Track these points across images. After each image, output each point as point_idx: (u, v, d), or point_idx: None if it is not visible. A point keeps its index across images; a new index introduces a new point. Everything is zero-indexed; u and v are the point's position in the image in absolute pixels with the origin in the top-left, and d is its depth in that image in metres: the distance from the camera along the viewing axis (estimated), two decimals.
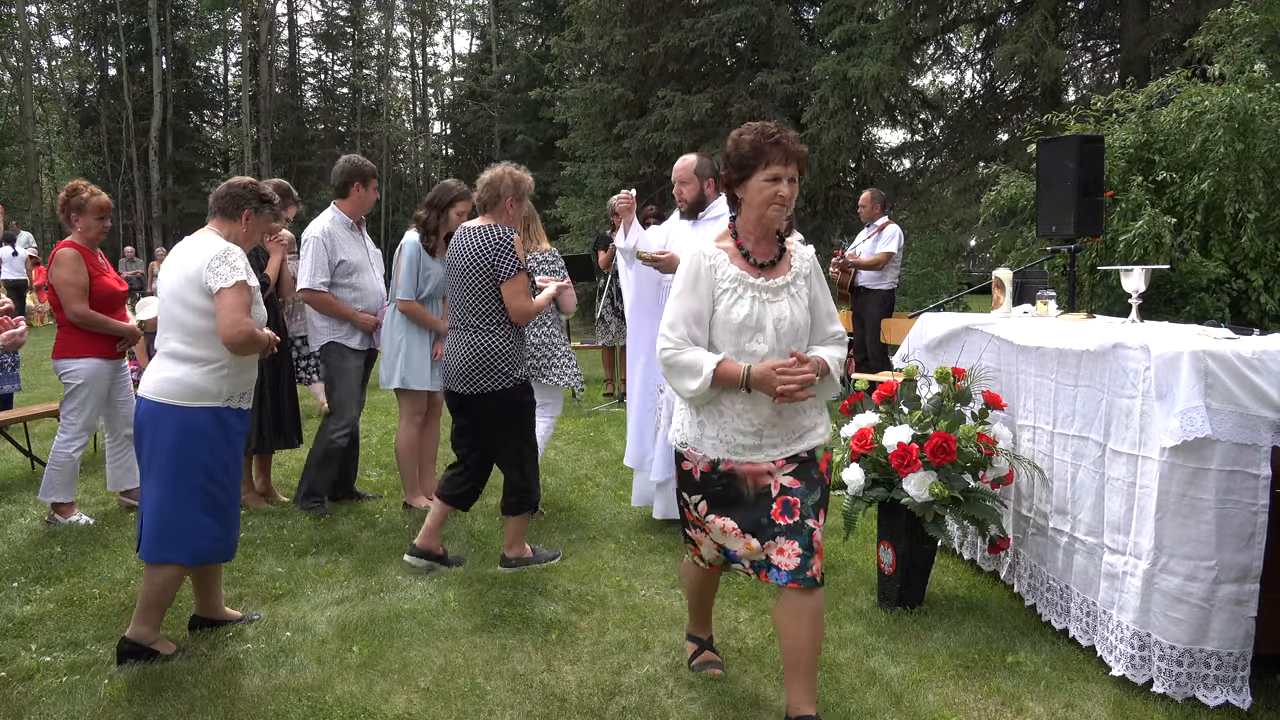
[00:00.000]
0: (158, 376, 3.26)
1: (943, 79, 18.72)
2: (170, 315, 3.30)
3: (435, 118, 46.10)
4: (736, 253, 2.73)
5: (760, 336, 2.67)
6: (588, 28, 17.23)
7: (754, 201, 2.68)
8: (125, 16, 34.96)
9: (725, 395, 2.68)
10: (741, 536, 2.74)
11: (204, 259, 3.24)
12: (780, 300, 2.70)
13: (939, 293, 11.98)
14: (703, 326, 2.69)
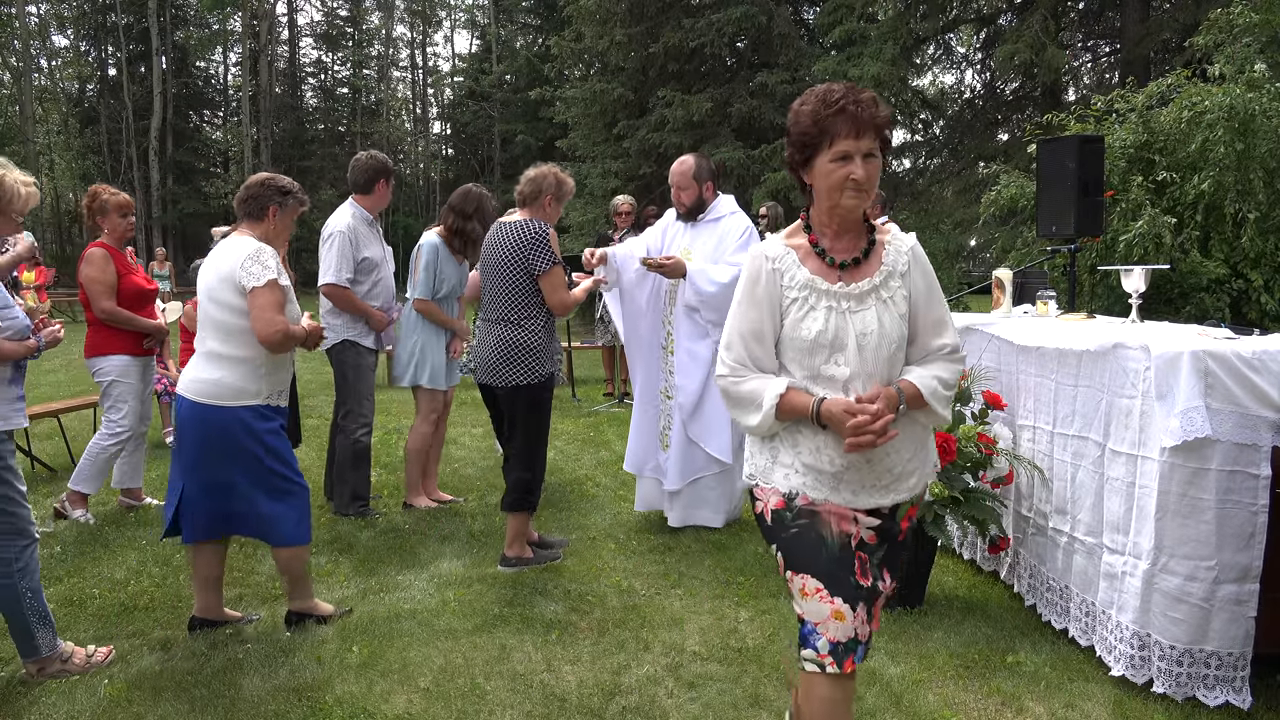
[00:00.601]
0: (198, 376, 3.31)
1: (943, 79, 18.73)
2: (207, 316, 3.34)
3: (435, 118, 46.15)
4: (810, 251, 2.17)
5: (840, 357, 2.09)
6: (588, 28, 17.24)
7: (823, 187, 2.12)
8: (125, 16, 34.98)
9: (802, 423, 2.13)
10: (830, 600, 2.10)
11: (237, 259, 3.28)
12: (866, 308, 2.11)
13: None
14: (766, 345, 2.16)
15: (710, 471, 4.76)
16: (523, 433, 4.21)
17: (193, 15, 38.63)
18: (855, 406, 2.03)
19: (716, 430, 4.70)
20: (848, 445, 2.04)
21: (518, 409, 4.18)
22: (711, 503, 4.82)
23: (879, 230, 2.23)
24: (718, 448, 4.70)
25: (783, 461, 2.17)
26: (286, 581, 3.58)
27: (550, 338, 4.23)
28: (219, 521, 3.40)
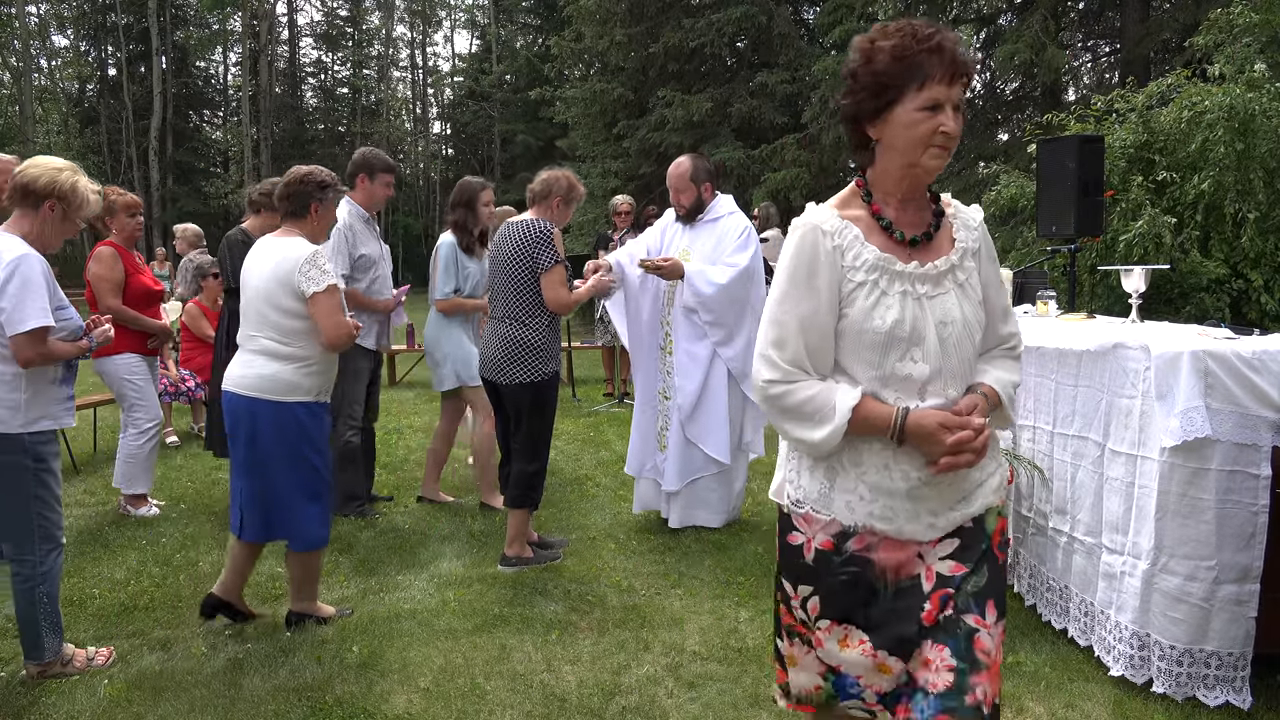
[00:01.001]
0: (250, 372, 3.37)
1: None
2: (260, 315, 3.39)
3: (435, 118, 46.15)
4: (873, 224, 1.79)
5: (917, 352, 1.74)
6: (588, 28, 17.24)
7: (900, 143, 1.72)
8: (125, 16, 34.98)
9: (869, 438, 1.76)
10: (873, 655, 1.79)
11: (294, 263, 3.33)
12: (944, 293, 1.77)
13: None
14: (827, 341, 1.76)
15: (709, 472, 4.76)
16: (526, 429, 4.25)
17: (193, 15, 38.63)
18: (955, 420, 1.70)
19: (714, 430, 4.70)
20: (941, 465, 1.71)
21: (522, 406, 4.22)
22: (711, 504, 4.82)
23: (944, 202, 1.89)
24: (715, 448, 4.70)
25: (843, 486, 1.77)
26: (295, 581, 3.59)
27: (554, 336, 4.26)
28: (263, 521, 3.46)
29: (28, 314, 2.91)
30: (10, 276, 2.91)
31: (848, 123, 1.82)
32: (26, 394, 3.00)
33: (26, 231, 3.06)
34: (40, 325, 2.93)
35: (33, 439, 3.01)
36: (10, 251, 2.95)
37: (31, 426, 3.01)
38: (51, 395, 3.08)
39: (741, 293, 4.65)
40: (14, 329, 2.91)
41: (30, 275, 2.93)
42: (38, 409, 3.03)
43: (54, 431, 3.11)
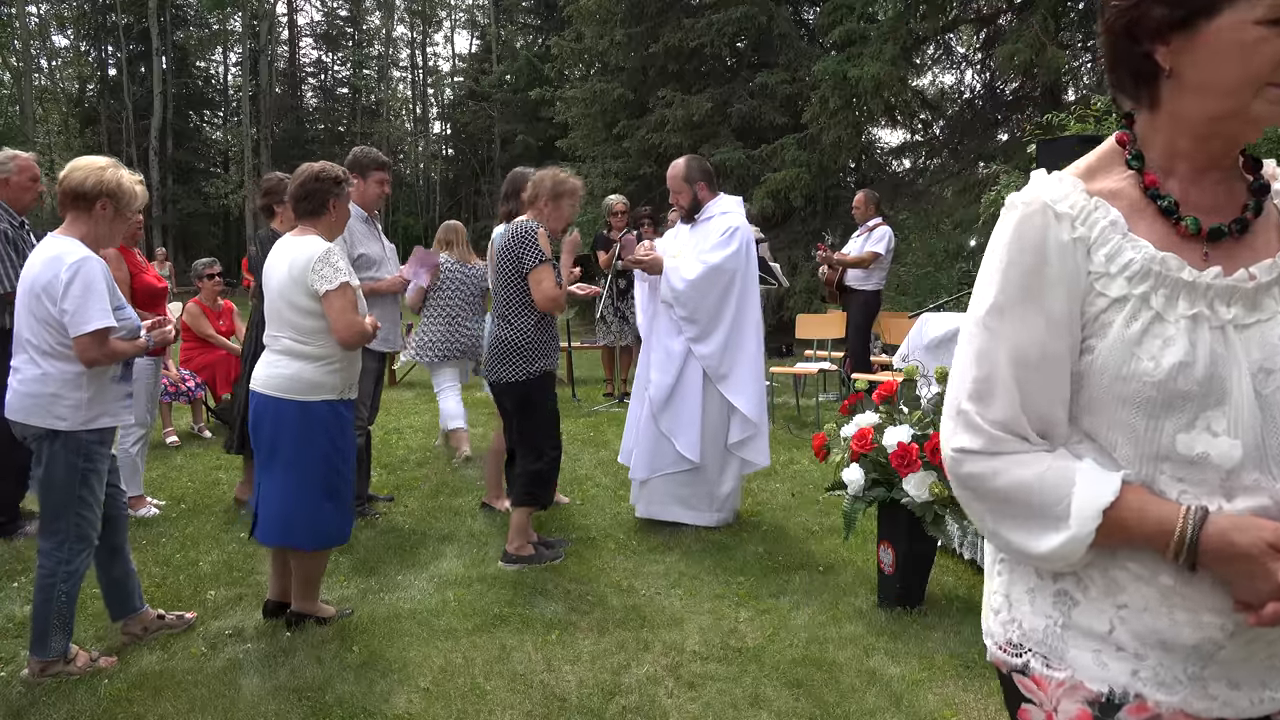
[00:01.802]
0: (273, 372, 3.41)
1: (943, 79, 18.73)
2: (280, 314, 3.44)
3: (435, 118, 46.14)
4: (1145, 205, 1.16)
5: (1218, 416, 1.08)
6: (588, 28, 17.24)
7: (1216, 77, 1.09)
8: (125, 16, 34.97)
9: (1134, 552, 1.12)
10: None
11: (307, 262, 3.35)
12: (1266, 320, 1.12)
13: (939, 293, 11.98)
14: (1058, 388, 1.14)
15: (679, 468, 4.80)
16: (519, 428, 4.32)
17: (193, 15, 38.61)
18: None
19: (685, 427, 4.76)
20: (1266, 614, 1.04)
21: (511, 405, 4.34)
22: (686, 500, 4.84)
23: (1268, 172, 1.25)
24: (686, 445, 4.75)
25: (1088, 627, 1.14)
26: (299, 581, 3.58)
27: (542, 335, 4.28)
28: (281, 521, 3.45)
29: (90, 315, 2.98)
30: (72, 279, 2.98)
31: (1119, 38, 1.13)
32: (88, 392, 3.07)
33: (84, 234, 3.13)
34: (103, 326, 3.01)
35: (89, 437, 3.10)
36: (71, 255, 3.02)
37: (91, 424, 3.09)
38: (111, 393, 3.16)
39: (713, 290, 4.70)
40: (77, 330, 2.99)
41: (91, 278, 3.01)
42: (98, 407, 3.11)
43: (111, 430, 3.19)
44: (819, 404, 8.38)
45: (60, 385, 3.04)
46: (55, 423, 3.04)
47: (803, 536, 4.76)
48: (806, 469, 6.19)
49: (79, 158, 3.21)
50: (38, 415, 3.05)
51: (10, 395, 3.10)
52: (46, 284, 3.01)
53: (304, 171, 3.53)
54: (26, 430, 3.10)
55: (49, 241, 3.12)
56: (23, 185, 4.75)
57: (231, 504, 5.34)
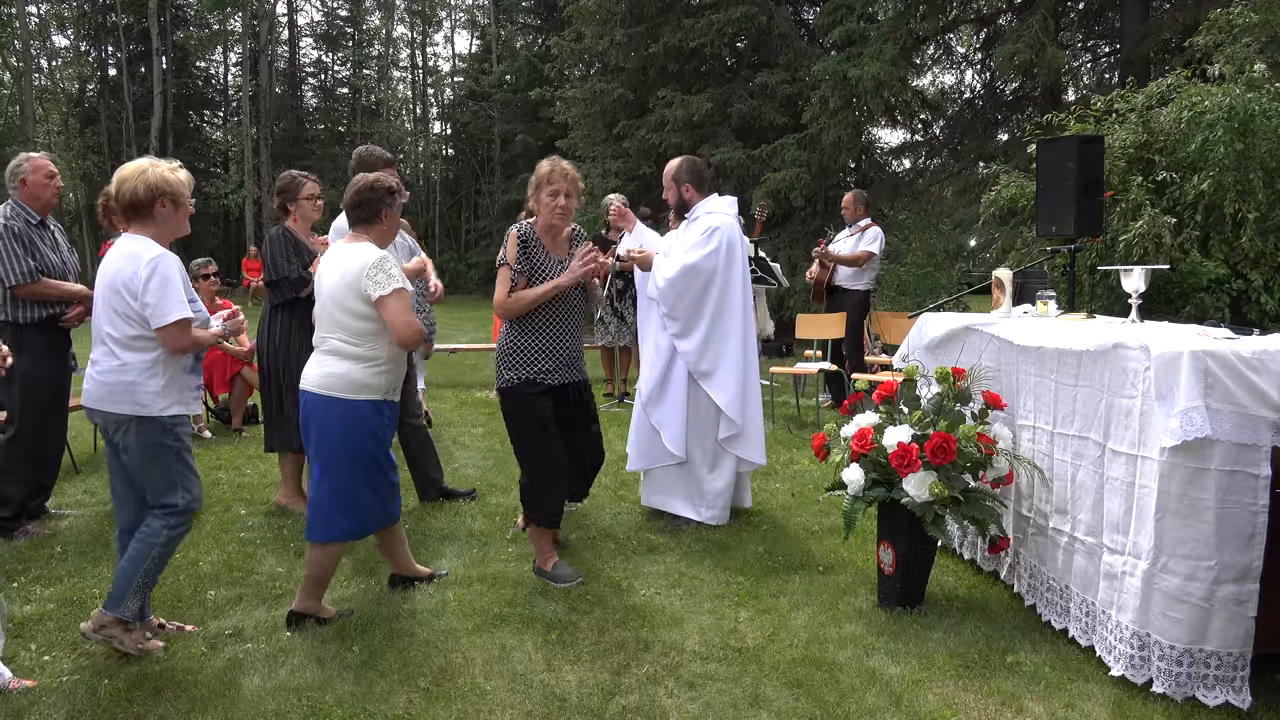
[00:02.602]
0: (323, 371, 3.56)
1: (943, 79, 18.72)
2: (332, 317, 3.58)
3: (435, 118, 46.08)
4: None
5: None
6: (588, 28, 17.24)
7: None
8: (125, 16, 34.95)
9: None
10: None
11: (361, 268, 3.50)
12: None
13: (939, 293, 11.99)
14: None
15: (668, 462, 4.87)
16: (511, 438, 4.22)
17: (193, 15, 38.58)
18: None
19: (670, 421, 4.84)
20: None
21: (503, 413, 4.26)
22: (682, 494, 4.92)
23: None
24: (671, 439, 4.83)
25: None
26: (308, 579, 3.64)
27: (519, 341, 4.10)
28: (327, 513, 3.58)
29: (170, 308, 3.18)
30: (151, 275, 3.17)
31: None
32: (163, 380, 3.25)
33: (154, 234, 3.31)
34: (183, 317, 3.20)
35: (170, 420, 3.27)
36: (148, 252, 3.21)
37: (167, 411, 3.26)
38: (183, 383, 3.33)
39: (690, 288, 4.79)
40: (160, 322, 3.18)
41: (168, 272, 3.20)
42: (172, 395, 3.28)
43: (183, 418, 3.33)
44: (819, 404, 8.38)
45: (138, 374, 3.22)
46: (136, 409, 3.22)
47: (803, 536, 4.76)
48: (806, 469, 6.19)
49: (121, 169, 3.35)
50: (118, 403, 3.22)
51: (90, 385, 3.28)
52: (126, 280, 3.19)
53: (359, 181, 3.68)
54: (107, 418, 3.26)
55: (125, 241, 3.30)
56: (39, 184, 4.78)
57: (231, 504, 5.34)
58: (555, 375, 4.09)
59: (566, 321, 4.13)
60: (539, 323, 4.08)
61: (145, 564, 3.27)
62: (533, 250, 4.08)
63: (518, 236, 4.07)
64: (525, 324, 4.08)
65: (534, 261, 4.08)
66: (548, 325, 4.09)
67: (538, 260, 4.09)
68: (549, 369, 4.08)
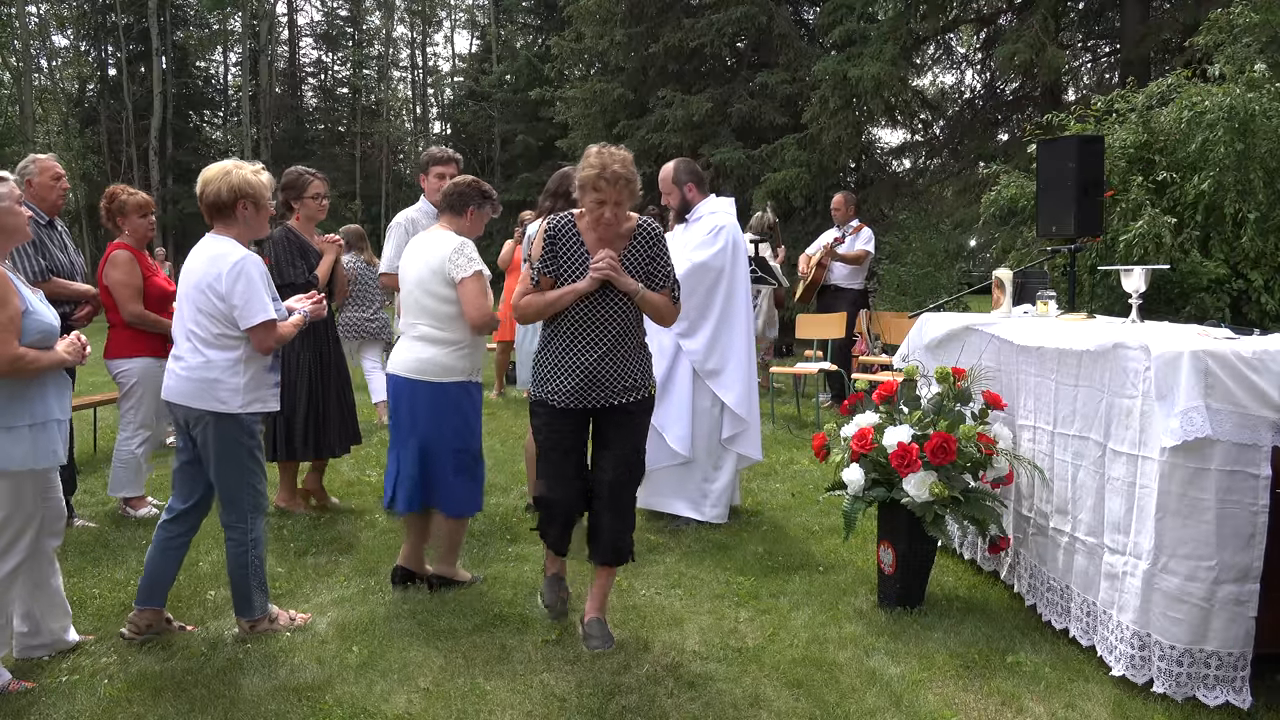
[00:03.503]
0: (410, 356, 3.78)
1: (943, 79, 18.73)
2: (418, 303, 3.80)
3: (435, 118, 46.10)
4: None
5: None
6: (588, 28, 17.24)
7: None
8: (125, 16, 34.95)
9: None
10: None
11: (445, 253, 3.74)
12: None
13: (939, 293, 11.97)
14: None
15: (672, 462, 4.83)
16: None
17: (193, 15, 38.58)
18: None
19: (675, 421, 4.82)
20: None
21: None
22: (687, 495, 4.90)
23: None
24: (676, 439, 4.80)
25: None
26: (442, 547, 3.96)
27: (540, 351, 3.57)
28: (421, 492, 3.82)
29: (256, 310, 3.31)
30: (237, 278, 3.29)
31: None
32: (244, 378, 3.36)
33: (236, 235, 3.43)
34: (269, 319, 3.34)
35: (247, 418, 3.38)
36: (231, 255, 3.33)
37: (248, 408, 3.37)
38: (264, 380, 3.44)
39: (699, 287, 4.77)
40: (247, 323, 3.31)
41: (253, 275, 3.32)
42: (252, 392, 3.38)
43: (260, 415, 3.45)
44: (819, 404, 8.38)
45: (221, 371, 3.33)
46: (217, 405, 3.32)
47: (803, 536, 4.76)
48: (806, 469, 6.19)
49: (206, 171, 3.46)
50: (201, 398, 3.32)
51: (173, 380, 3.39)
52: (211, 282, 3.31)
53: (465, 178, 4.00)
54: (189, 413, 3.36)
55: (210, 242, 3.41)
56: (46, 185, 4.79)
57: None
58: (571, 398, 3.40)
59: (595, 334, 3.38)
60: (558, 333, 3.45)
61: (249, 567, 3.44)
62: (564, 246, 3.41)
63: (546, 230, 3.49)
64: (545, 333, 3.54)
65: (562, 259, 3.40)
66: (568, 337, 3.41)
67: (568, 258, 3.40)
68: (564, 390, 3.41)
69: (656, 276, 3.45)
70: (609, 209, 3.30)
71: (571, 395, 3.40)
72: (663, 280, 3.47)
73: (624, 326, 3.42)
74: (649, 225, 3.46)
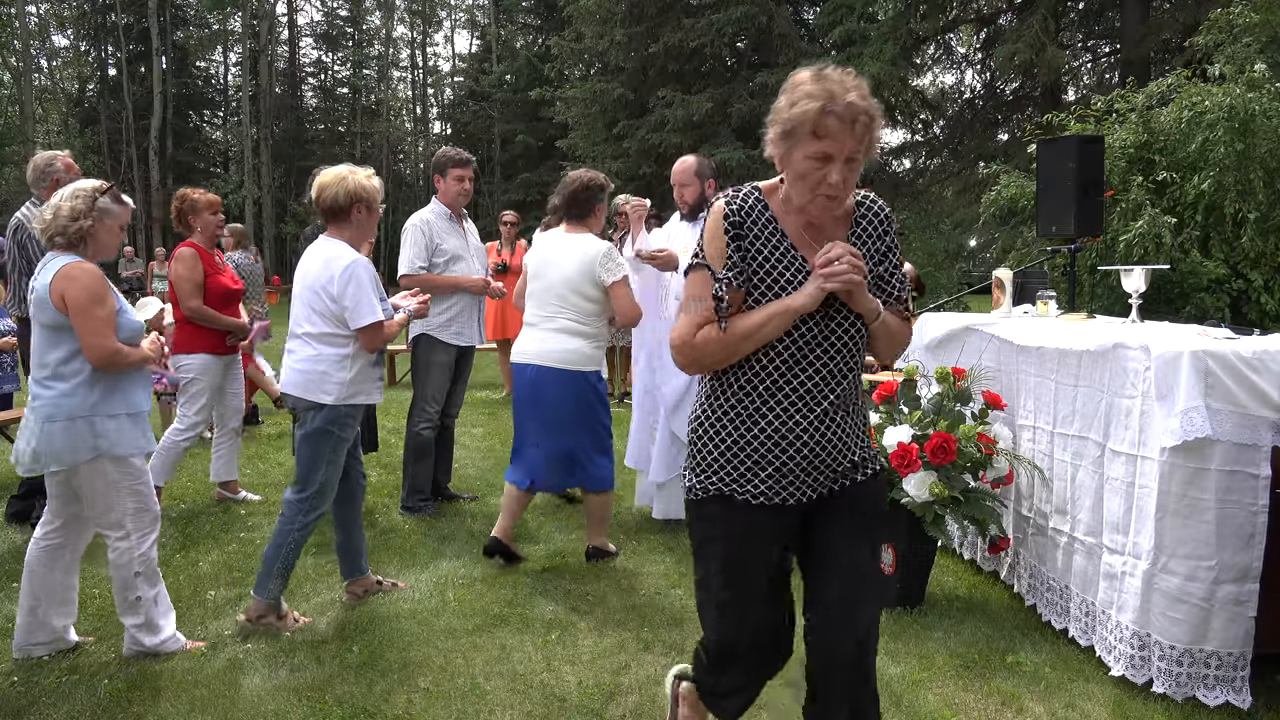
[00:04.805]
0: (555, 347, 4.08)
1: (943, 79, 18.73)
2: (562, 299, 4.10)
3: (435, 118, 46.12)
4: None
5: None
6: (588, 28, 17.28)
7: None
8: (125, 16, 34.97)
9: None
10: None
11: (595, 256, 4.07)
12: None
13: (939, 293, 11.99)
14: None
15: None
16: None
17: (193, 15, 38.60)
18: None
19: None
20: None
21: None
22: None
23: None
24: None
25: None
26: (593, 521, 4.29)
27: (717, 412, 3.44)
28: (565, 473, 4.17)
29: (365, 312, 3.49)
30: (348, 281, 3.48)
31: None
32: (351, 373, 3.56)
33: (348, 237, 3.62)
34: (376, 320, 3.52)
35: (347, 411, 3.58)
36: (343, 259, 3.51)
37: (350, 400, 3.57)
38: (369, 375, 3.64)
39: None
40: (357, 324, 3.50)
41: (363, 278, 3.50)
42: (357, 386, 3.59)
43: (362, 406, 3.65)
44: None
45: (329, 366, 3.54)
46: (322, 397, 3.53)
47: None
48: None
49: (324, 173, 3.67)
50: (309, 390, 3.54)
51: (288, 373, 3.62)
52: (324, 284, 3.50)
53: (575, 180, 4.22)
54: (299, 403, 3.58)
55: (324, 244, 3.61)
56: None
57: (231, 503, 5.34)
58: (782, 485, 2.11)
59: (813, 380, 2.07)
60: (750, 382, 2.09)
61: (284, 549, 3.56)
62: (755, 238, 2.09)
63: (725, 212, 2.11)
64: (716, 384, 2.15)
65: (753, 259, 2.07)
66: (769, 388, 2.07)
67: (764, 257, 2.07)
68: (766, 475, 2.11)
69: (888, 284, 2.13)
70: (836, 170, 1.98)
71: (783, 483, 2.10)
72: (896, 289, 2.14)
73: (850, 365, 2.11)
74: (874, 204, 2.17)
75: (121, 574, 3.23)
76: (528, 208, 20.81)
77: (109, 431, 3.14)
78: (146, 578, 3.26)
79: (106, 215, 3.23)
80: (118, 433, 3.16)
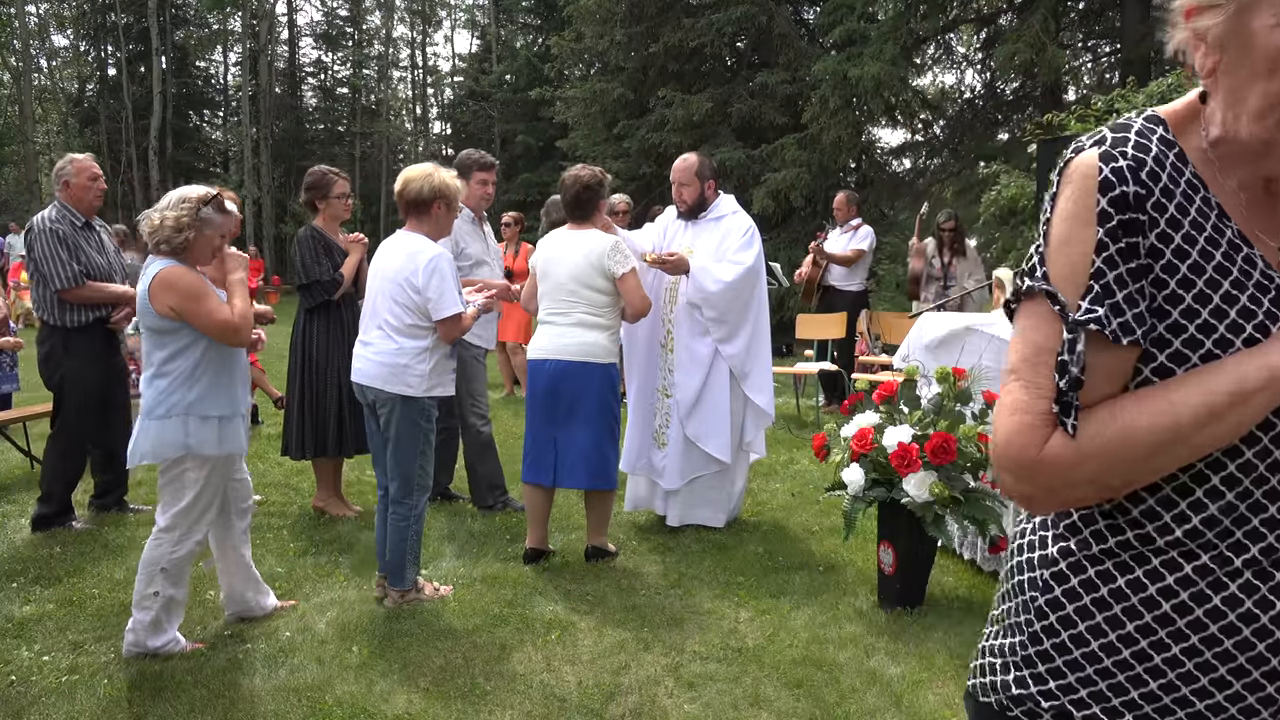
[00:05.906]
0: (574, 342, 4.12)
1: (943, 79, 18.75)
2: (574, 294, 4.16)
3: (435, 118, 46.12)
4: None
5: None
6: (588, 28, 17.26)
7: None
8: (125, 16, 34.95)
9: None
10: None
11: (603, 250, 4.13)
12: None
13: None
14: None
15: (709, 471, 4.76)
16: None
17: (193, 15, 38.57)
18: None
19: (716, 429, 4.71)
20: None
21: None
22: (712, 502, 4.82)
23: None
24: (717, 448, 4.70)
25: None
26: (598, 519, 4.30)
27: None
28: (582, 467, 4.15)
29: (447, 304, 3.61)
30: (432, 274, 3.59)
31: None
32: (430, 364, 3.66)
33: (428, 232, 3.75)
34: (458, 312, 3.65)
35: (428, 402, 3.67)
36: (426, 252, 3.64)
37: (430, 392, 3.68)
38: (445, 367, 3.75)
39: (746, 291, 4.68)
40: (439, 315, 3.62)
41: (445, 271, 3.62)
42: (435, 378, 3.69)
43: (439, 398, 3.74)
44: (818, 405, 8.38)
45: (410, 358, 3.63)
46: (404, 389, 3.62)
47: (803, 536, 4.76)
48: (806, 469, 6.19)
49: (408, 169, 3.79)
50: (391, 382, 3.63)
51: (366, 365, 3.70)
52: (407, 276, 3.61)
53: (575, 182, 4.26)
54: (379, 395, 3.66)
55: (405, 238, 3.75)
56: (83, 186, 4.81)
57: None
58: None
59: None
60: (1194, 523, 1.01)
61: (408, 541, 3.71)
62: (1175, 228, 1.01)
63: (1107, 175, 1.03)
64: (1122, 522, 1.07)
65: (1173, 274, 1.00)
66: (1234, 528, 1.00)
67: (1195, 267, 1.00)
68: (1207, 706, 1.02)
69: None
70: None
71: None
72: None
73: None
74: None
75: (149, 567, 3.28)
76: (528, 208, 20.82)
77: (199, 432, 3.24)
78: (170, 576, 3.29)
79: (208, 225, 3.30)
80: (208, 434, 3.26)
